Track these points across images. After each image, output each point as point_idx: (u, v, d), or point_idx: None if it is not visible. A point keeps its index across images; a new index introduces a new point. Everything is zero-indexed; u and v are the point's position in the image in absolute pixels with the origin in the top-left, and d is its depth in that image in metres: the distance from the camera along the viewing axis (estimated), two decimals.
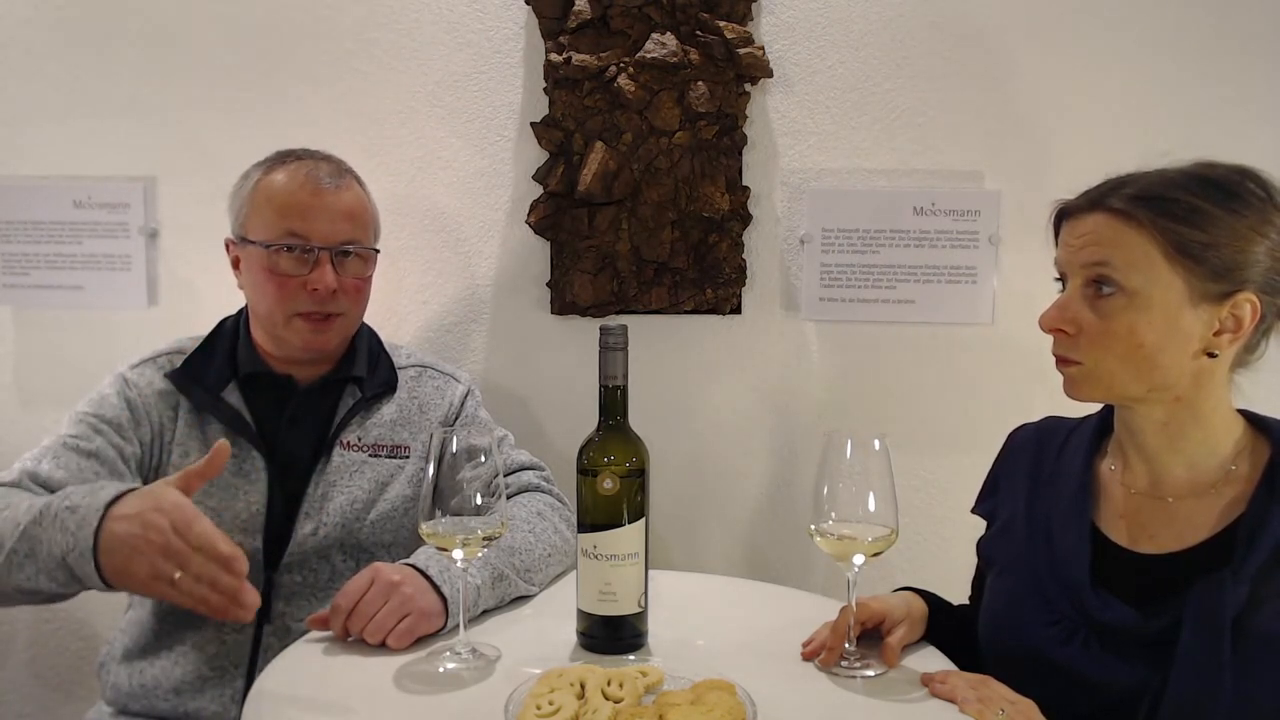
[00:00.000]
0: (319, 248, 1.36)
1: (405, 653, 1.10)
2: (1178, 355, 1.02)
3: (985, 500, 1.28)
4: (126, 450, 1.33)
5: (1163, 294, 1.01)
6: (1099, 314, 1.04)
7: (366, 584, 1.12)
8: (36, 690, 1.94)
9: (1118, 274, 1.02)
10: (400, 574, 1.13)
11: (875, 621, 1.12)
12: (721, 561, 1.85)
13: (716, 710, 0.90)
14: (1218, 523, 1.03)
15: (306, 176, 1.38)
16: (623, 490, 1.10)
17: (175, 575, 0.97)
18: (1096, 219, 1.04)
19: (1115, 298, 1.03)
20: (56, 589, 1.07)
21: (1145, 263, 1.01)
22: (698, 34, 1.73)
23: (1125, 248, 1.02)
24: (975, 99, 1.75)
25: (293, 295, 1.35)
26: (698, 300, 1.79)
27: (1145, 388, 1.04)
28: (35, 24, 1.86)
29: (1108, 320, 1.03)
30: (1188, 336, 1.01)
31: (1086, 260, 1.04)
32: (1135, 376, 1.04)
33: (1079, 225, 1.06)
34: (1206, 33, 1.71)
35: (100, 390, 1.38)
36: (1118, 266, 1.02)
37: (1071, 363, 1.07)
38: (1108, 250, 1.03)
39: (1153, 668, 0.99)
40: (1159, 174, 1.04)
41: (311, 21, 1.82)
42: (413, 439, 1.44)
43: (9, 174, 1.88)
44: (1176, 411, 1.06)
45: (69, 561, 1.02)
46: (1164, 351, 1.02)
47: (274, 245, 1.35)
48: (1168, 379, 1.03)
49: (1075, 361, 1.07)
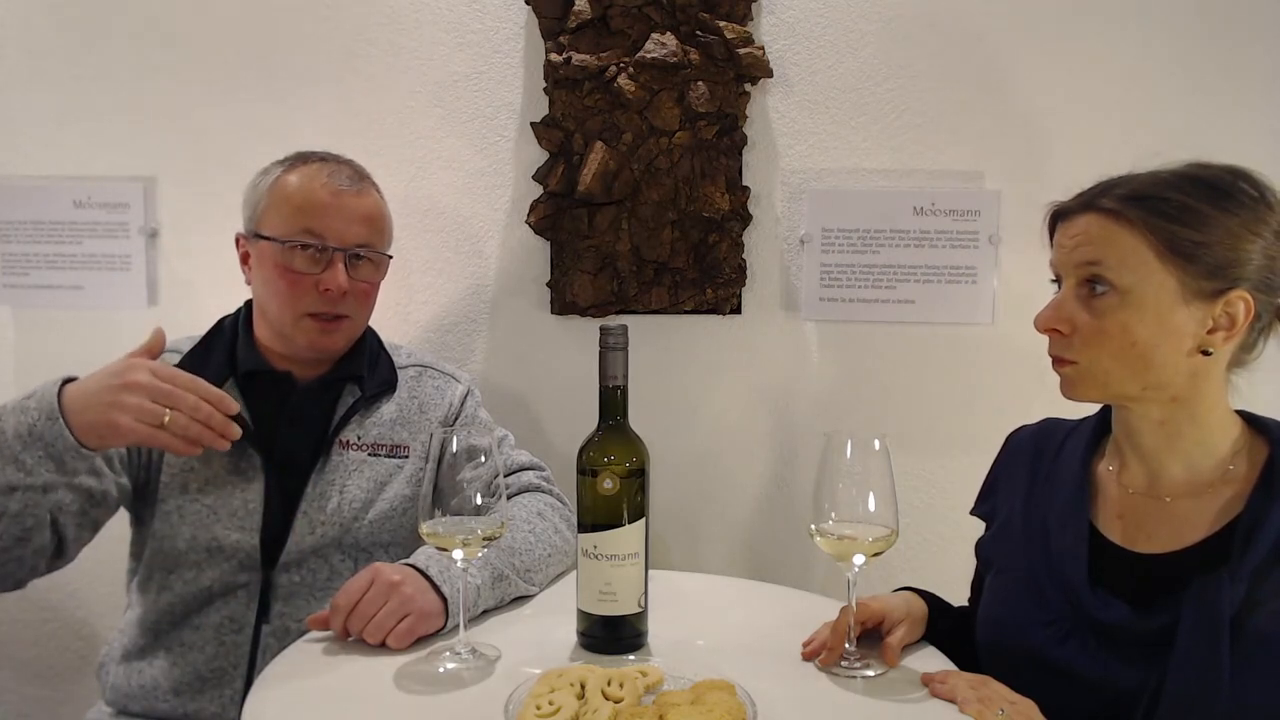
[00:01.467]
0: (334, 248, 1.36)
1: (405, 653, 1.09)
2: (1172, 353, 1.02)
3: (984, 501, 1.28)
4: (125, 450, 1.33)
5: (1155, 292, 1.01)
6: (1093, 313, 1.04)
7: (366, 584, 1.12)
8: (36, 690, 1.94)
9: (1110, 273, 1.03)
10: (400, 574, 1.13)
11: (875, 621, 1.12)
12: (721, 561, 1.85)
13: (716, 710, 0.90)
14: (1215, 522, 1.03)
15: (328, 177, 1.38)
16: (623, 490, 1.10)
17: (166, 417, 1.04)
18: (1089, 219, 1.05)
19: (1108, 296, 1.03)
20: (24, 478, 1.09)
21: (1137, 261, 1.01)
22: (698, 34, 1.73)
23: (1117, 247, 1.02)
24: (975, 99, 1.75)
25: (304, 294, 1.35)
26: (698, 300, 1.79)
27: (1140, 386, 1.05)
28: (35, 24, 1.86)
29: (1101, 319, 1.04)
30: (1181, 334, 1.02)
31: (1079, 260, 1.05)
32: (1130, 375, 1.04)
33: (1072, 226, 1.07)
34: (1205, 33, 1.71)
35: None
36: (1110, 265, 1.03)
37: (1067, 362, 1.08)
38: (1100, 250, 1.03)
39: (1150, 667, 0.99)
40: (1151, 175, 1.05)
41: (312, 21, 1.82)
42: (412, 439, 1.44)
43: (9, 174, 1.88)
44: (1173, 411, 1.06)
45: (37, 431, 1.06)
46: (1158, 349, 1.02)
47: (289, 242, 1.35)
48: (1162, 377, 1.03)
49: (1071, 361, 1.07)
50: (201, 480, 1.33)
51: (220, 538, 1.31)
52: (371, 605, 1.10)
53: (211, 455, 1.34)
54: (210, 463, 1.34)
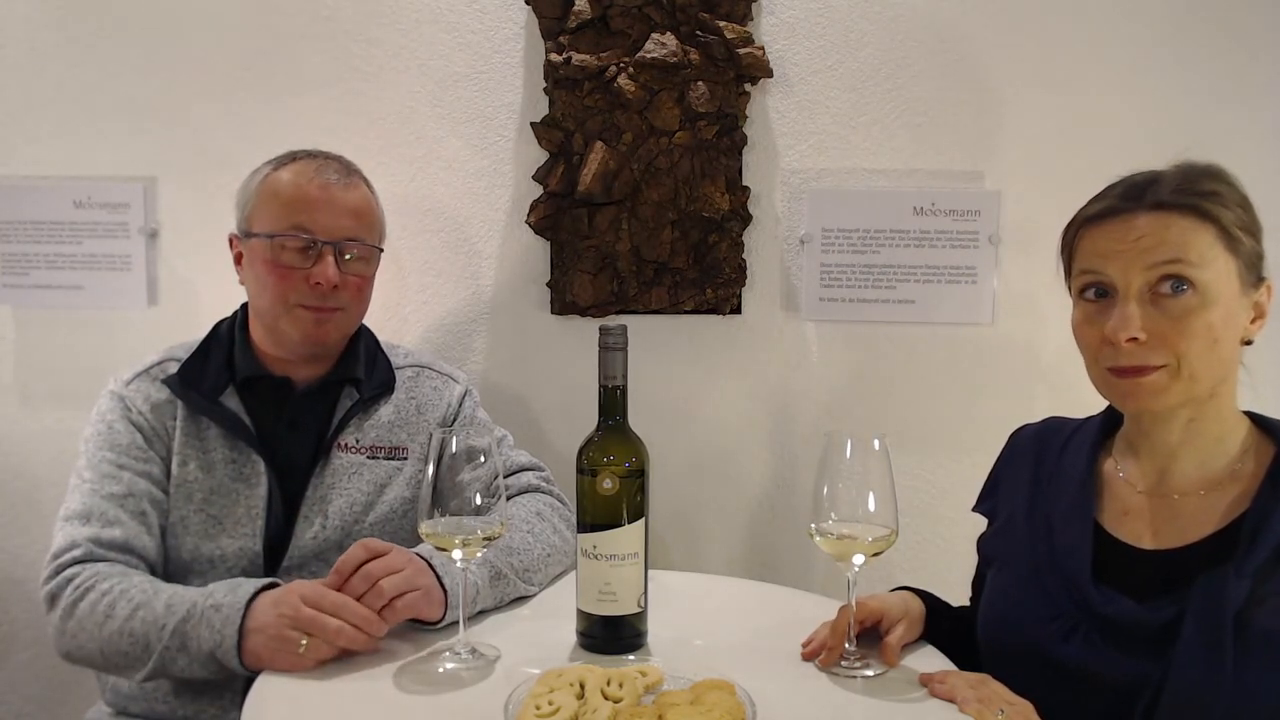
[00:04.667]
0: (322, 241, 1.36)
1: (405, 653, 1.09)
2: (1233, 346, 1.03)
3: (986, 499, 1.28)
4: (154, 471, 1.33)
5: (1226, 285, 1.01)
6: (1172, 314, 1.00)
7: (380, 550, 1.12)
8: (36, 690, 1.94)
9: (1192, 270, 0.99)
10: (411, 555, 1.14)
11: (873, 620, 1.12)
12: (721, 561, 1.85)
13: (716, 710, 0.90)
14: (1221, 519, 1.03)
15: (315, 172, 1.39)
16: (623, 490, 1.10)
17: (302, 643, 1.05)
18: (1151, 219, 1.01)
19: (1188, 295, 1.00)
20: (209, 676, 1.15)
21: (1212, 255, 1.00)
22: (698, 34, 1.73)
23: (1194, 243, 1.00)
24: (975, 99, 1.75)
25: (294, 287, 1.35)
26: (698, 300, 1.79)
27: (1217, 382, 1.03)
28: (35, 24, 1.86)
29: (1184, 320, 0.99)
30: (1239, 326, 1.03)
31: (1154, 260, 1.00)
32: (1212, 373, 1.02)
33: (1128, 229, 1.02)
34: (1206, 32, 1.71)
35: (102, 416, 1.36)
36: (1192, 262, 0.99)
37: (1150, 370, 1.01)
38: (1177, 247, 1.00)
39: (1153, 662, 0.99)
40: (1179, 171, 1.04)
41: (312, 22, 1.82)
42: (410, 440, 1.44)
43: (9, 174, 1.88)
44: (1203, 409, 1.05)
45: (217, 656, 1.11)
46: (1226, 343, 1.01)
47: (278, 236, 1.35)
48: (1227, 371, 1.04)
49: (1156, 367, 1.01)
50: (206, 490, 1.34)
51: (224, 547, 1.32)
52: (381, 569, 1.09)
53: (215, 464, 1.34)
54: (213, 472, 1.34)
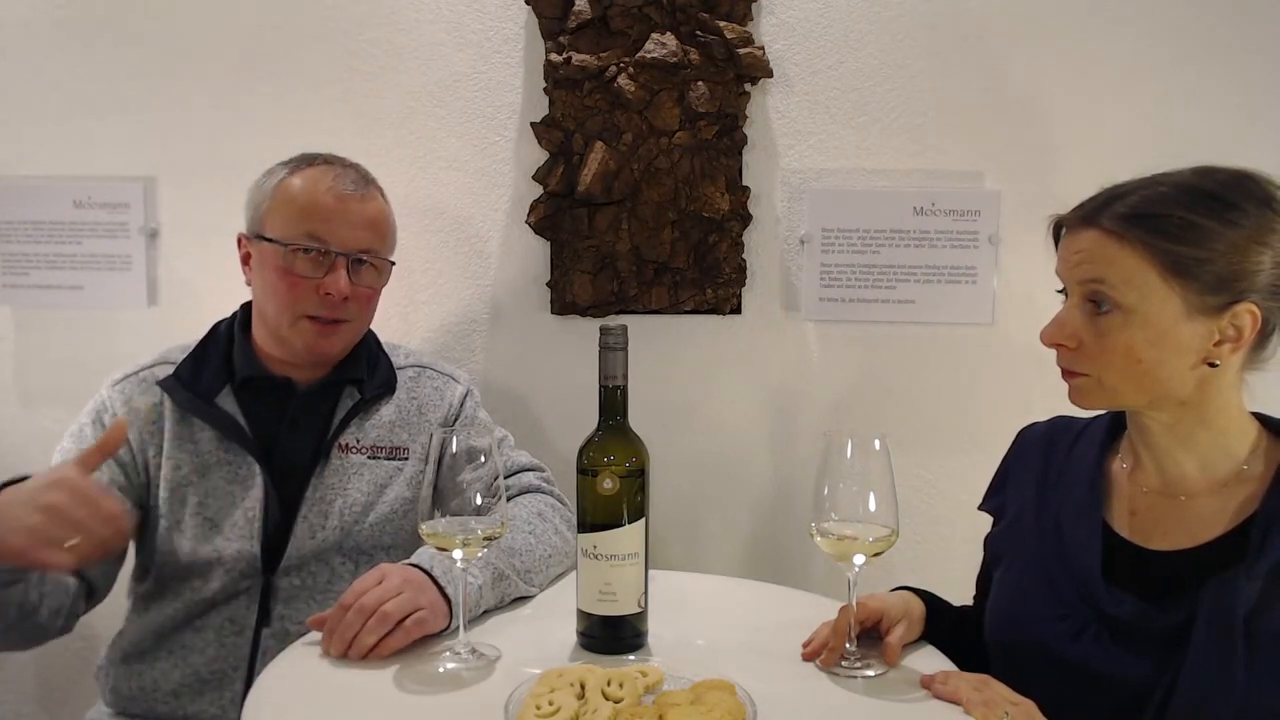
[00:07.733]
0: (337, 253, 1.35)
1: (405, 653, 1.09)
2: (1177, 367, 1.02)
3: (993, 496, 1.28)
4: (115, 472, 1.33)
5: (1159, 310, 1.00)
6: (1097, 330, 1.04)
7: (376, 580, 1.11)
8: (36, 690, 1.94)
9: (1113, 292, 1.02)
10: (408, 573, 1.13)
11: (873, 620, 1.12)
12: (721, 561, 1.85)
13: (716, 710, 0.90)
14: (1230, 520, 1.03)
15: (333, 181, 1.37)
16: (623, 490, 1.09)
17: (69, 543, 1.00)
18: (1090, 236, 1.04)
19: (1112, 315, 1.03)
20: None
21: (1140, 281, 1.00)
22: (698, 34, 1.73)
23: (1119, 267, 1.01)
24: (975, 99, 1.75)
25: (304, 297, 1.35)
26: (698, 300, 1.79)
27: (1147, 399, 1.05)
28: (35, 24, 1.86)
29: (1105, 337, 1.03)
30: (1185, 349, 1.01)
31: (1082, 277, 1.05)
32: (1136, 389, 1.04)
33: (1074, 241, 1.06)
34: (1208, 31, 1.70)
35: (81, 417, 1.38)
36: (1113, 284, 1.02)
37: (1075, 374, 1.08)
38: (1101, 269, 1.02)
39: (1163, 664, 0.99)
40: (1153, 187, 1.03)
41: (312, 21, 1.82)
42: (411, 440, 1.44)
43: (9, 174, 1.88)
44: (1183, 415, 1.06)
45: None
46: (1162, 365, 1.02)
47: (292, 245, 1.34)
48: (1169, 389, 1.03)
49: (1079, 373, 1.07)
50: (201, 494, 1.33)
51: (221, 549, 1.32)
52: (383, 594, 1.08)
53: (209, 467, 1.34)
54: (208, 474, 1.34)
